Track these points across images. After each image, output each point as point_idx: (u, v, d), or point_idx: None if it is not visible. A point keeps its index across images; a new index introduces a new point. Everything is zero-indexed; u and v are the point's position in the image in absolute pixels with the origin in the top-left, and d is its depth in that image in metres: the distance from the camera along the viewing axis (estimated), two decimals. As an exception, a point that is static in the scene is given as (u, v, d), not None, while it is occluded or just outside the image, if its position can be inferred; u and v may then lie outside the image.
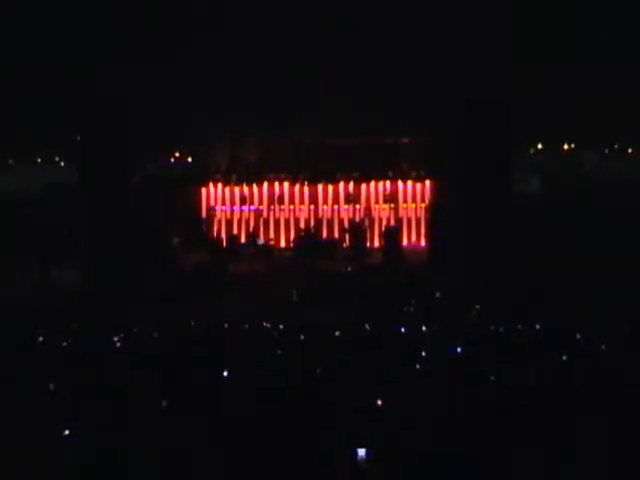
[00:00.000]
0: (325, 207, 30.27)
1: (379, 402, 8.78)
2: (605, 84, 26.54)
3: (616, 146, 30.95)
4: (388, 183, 30.21)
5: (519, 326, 17.10)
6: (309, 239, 29.25)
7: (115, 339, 16.54)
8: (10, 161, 32.42)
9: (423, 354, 12.94)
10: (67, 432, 7.66)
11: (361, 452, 6.79)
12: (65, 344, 15.51)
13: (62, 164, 32.12)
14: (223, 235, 30.32)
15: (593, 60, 26.53)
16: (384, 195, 30.23)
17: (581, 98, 26.62)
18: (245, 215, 30.47)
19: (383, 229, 29.69)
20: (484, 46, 26.15)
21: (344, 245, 29.39)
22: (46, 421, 8.09)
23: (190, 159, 31.98)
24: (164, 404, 9.21)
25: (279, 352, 13.70)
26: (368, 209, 30.20)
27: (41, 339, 16.06)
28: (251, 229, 30.16)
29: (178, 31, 27.22)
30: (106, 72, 26.64)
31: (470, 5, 26.61)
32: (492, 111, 26.03)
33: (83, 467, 6.88)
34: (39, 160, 32.41)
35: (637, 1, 26.45)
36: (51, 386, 10.50)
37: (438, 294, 23.60)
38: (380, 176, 30.22)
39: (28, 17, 27.06)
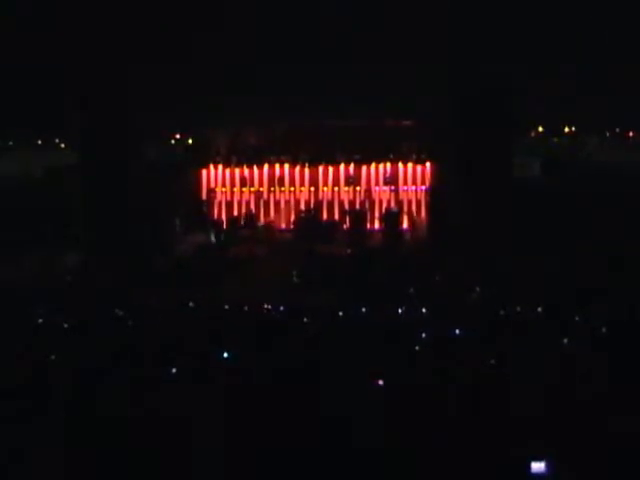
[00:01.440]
0: (325, 189, 30.29)
1: (380, 382, 8.80)
2: (606, 69, 26.54)
3: (617, 130, 30.95)
4: (389, 165, 30.22)
5: (518, 308, 17.16)
6: (309, 221, 29.27)
7: (115, 321, 16.61)
8: (10, 143, 32.40)
9: (423, 336, 12.97)
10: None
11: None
12: (66, 326, 15.55)
13: (62, 146, 32.11)
14: (223, 217, 30.39)
15: (594, 50, 26.55)
16: (384, 177, 30.23)
17: (582, 81, 26.60)
18: (245, 197, 30.49)
19: (383, 211, 29.70)
20: (485, 35, 26.13)
21: (344, 227, 29.39)
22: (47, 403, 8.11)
23: (190, 141, 31.97)
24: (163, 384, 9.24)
25: (279, 334, 13.72)
26: (368, 191, 30.20)
27: (40, 321, 16.11)
28: (251, 211, 30.21)
29: (178, 29, 27.21)
30: (107, 61, 26.63)
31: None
32: (492, 95, 26.07)
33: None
34: (39, 142, 32.37)
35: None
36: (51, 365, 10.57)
37: (438, 277, 23.64)
38: (381, 158, 30.21)
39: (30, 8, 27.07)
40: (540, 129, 30.90)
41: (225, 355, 11.22)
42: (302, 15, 26.91)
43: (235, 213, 30.38)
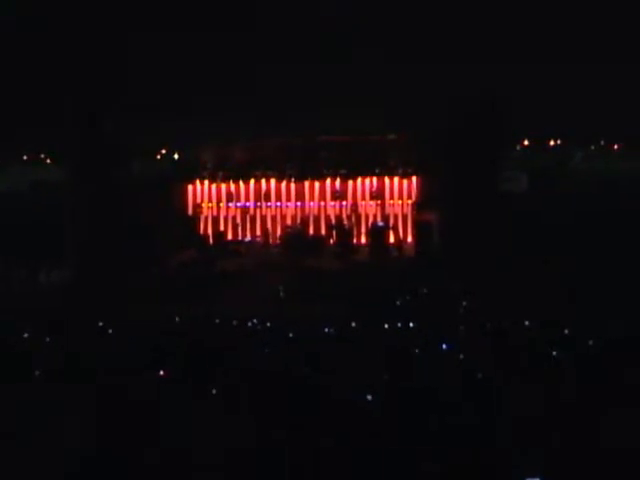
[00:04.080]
0: (312, 204, 30.30)
1: (369, 397, 8.76)
2: (592, 81, 26.61)
3: (602, 142, 31.02)
4: (375, 179, 30.24)
5: (506, 323, 17.12)
6: (296, 236, 29.26)
7: (102, 337, 16.52)
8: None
9: (415, 351, 12.93)
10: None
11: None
12: (48, 340, 15.43)
13: (48, 162, 32.02)
14: (210, 232, 30.38)
15: (581, 58, 26.61)
16: (371, 192, 30.25)
17: (568, 95, 26.65)
18: (232, 212, 30.49)
19: (370, 226, 29.71)
20: (474, 45, 26.18)
21: (331, 242, 29.38)
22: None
23: (176, 156, 31.92)
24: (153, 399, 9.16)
25: (267, 349, 13.66)
26: (355, 206, 30.21)
27: (26, 335, 15.99)
28: (238, 226, 30.22)
29: (175, 30, 27.18)
30: (90, 71, 26.57)
31: (466, 4, 26.66)
32: (479, 108, 26.08)
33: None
34: (25, 158, 32.26)
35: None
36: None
37: (425, 290, 23.60)
38: (367, 173, 30.23)
39: (22, 17, 26.99)
40: (526, 142, 30.96)
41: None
42: (296, 17, 26.93)
43: (222, 228, 30.40)
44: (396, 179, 30.19)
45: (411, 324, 17.73)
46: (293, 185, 30.39)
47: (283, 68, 26.76)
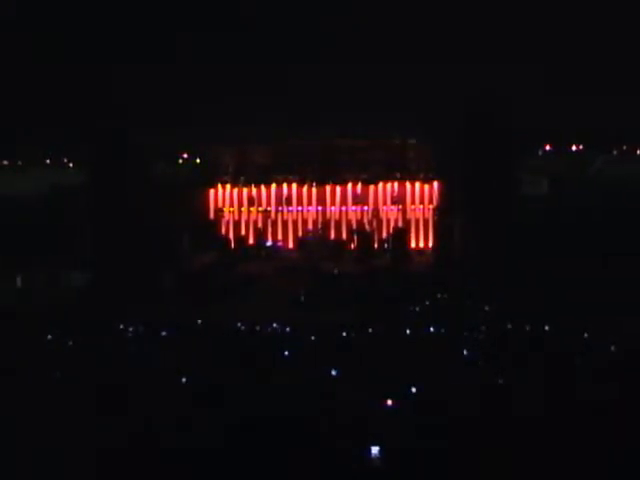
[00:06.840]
0: (333, 208, 30.30)
1: (389, 402, 8.75)
2: (613, 84, 26.53)
3: (625, 147, 30.88)
4: (396, 184, 30.22)
5: (527, 327, 17.09)
6: (316, 240, 29.28)
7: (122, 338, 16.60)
8: (19, 162, 32.46)
9: (433, 354, 12.92)
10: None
11: (374, 450, 6.77)
12: (71, 343, 15.50)
13: (71, 165, 32.15)
14: (231, 236, 30.41)
15: (599, 61, 26.52)
16: (392, 196, 30.23)
17: (588, 99, 26.57)
18: (253, 216, 30.53)
19: (391, 230, 29.70)
20: (490, 47, 26.13)
21: (352, 246, 29.38)
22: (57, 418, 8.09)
23: (198, 160, 31.98)
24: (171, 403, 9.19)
25: (287, 352, 13.68)
26: (376, 210, 30.20)
27: (49, 337, 16.08)
28: (259, 230, 30.27)
29: (179, 32, 27.27)
30: (111, 74, 26.69)
31: (472, 5, 26.63)
32: (499, 113, 26.07)
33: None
34: (48, 162, 32.41)
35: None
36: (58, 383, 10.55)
37: (445, 295, 23.58)
38: (388, 177, 30.21)
39: (31, 18, 27.14)
40: (548, 147, 30.88)
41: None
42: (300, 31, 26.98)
43: (243, 232, 30.42)
44: (417, 184, 30.18)
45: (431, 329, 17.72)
46: (314, 189, 30.39)
47: (303, 71, 26.80)
